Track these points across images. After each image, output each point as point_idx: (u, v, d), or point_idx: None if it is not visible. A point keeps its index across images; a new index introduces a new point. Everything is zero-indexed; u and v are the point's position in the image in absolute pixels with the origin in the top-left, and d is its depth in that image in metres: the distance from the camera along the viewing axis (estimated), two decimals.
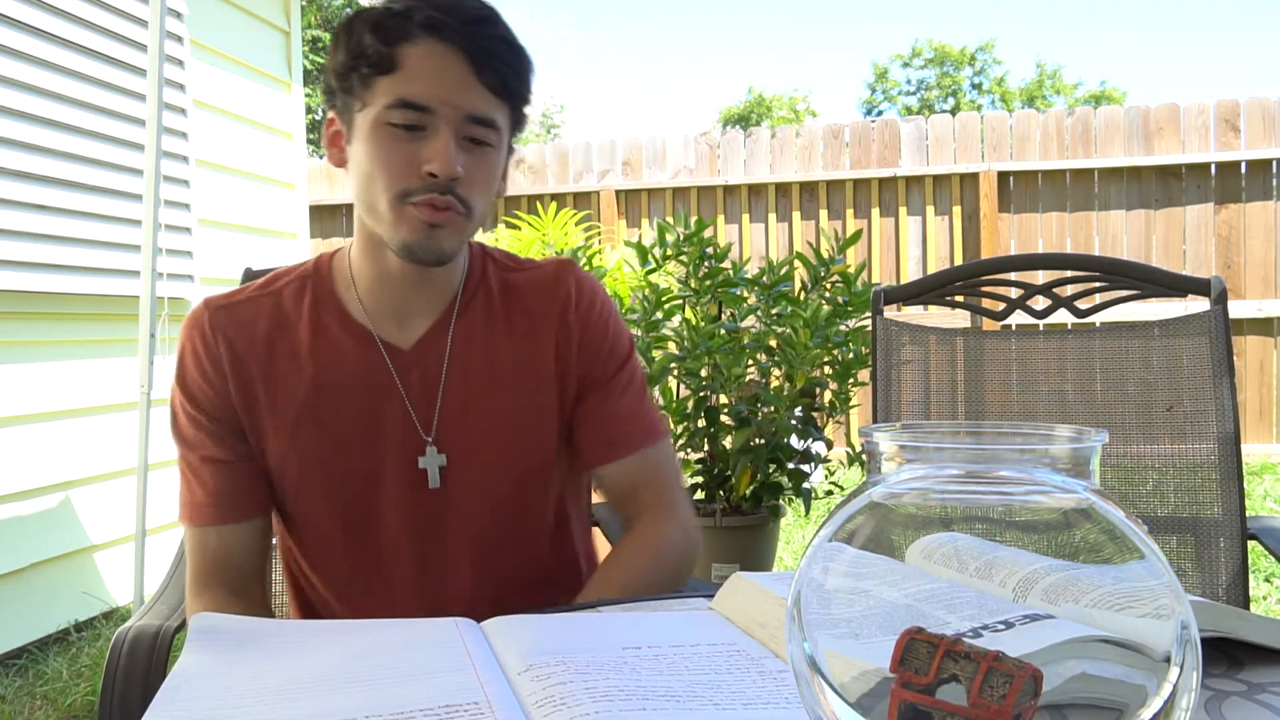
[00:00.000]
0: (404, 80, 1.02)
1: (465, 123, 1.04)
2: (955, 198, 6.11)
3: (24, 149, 2.99)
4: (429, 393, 1.12)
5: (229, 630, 0.83)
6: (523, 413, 1.14)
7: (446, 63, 1.03)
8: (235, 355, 1.11)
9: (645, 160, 6.50)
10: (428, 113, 1.02)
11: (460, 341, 1.14)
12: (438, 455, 1.11)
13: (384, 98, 1.03)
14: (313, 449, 1.11)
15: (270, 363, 1.11)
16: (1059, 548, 0.50)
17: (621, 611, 0.91)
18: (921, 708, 0.46)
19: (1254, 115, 5.83)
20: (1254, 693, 0.67)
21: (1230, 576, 1.47)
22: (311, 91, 15.65)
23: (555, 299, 1.17)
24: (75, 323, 3.26)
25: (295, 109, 4.50)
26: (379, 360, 1.12)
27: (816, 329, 2.78)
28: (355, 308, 1.13)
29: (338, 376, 1.11)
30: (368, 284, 1.13)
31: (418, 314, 1.14)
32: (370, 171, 1.05)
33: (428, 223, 1.04)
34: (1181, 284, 1.55)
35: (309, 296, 1.14)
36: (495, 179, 1.10)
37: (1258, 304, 5.79)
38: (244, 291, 1.16)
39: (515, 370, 1.15)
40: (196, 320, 1.13)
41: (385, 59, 1.02)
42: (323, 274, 1.16)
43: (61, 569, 3.17)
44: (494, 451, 1.13)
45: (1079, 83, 29.56)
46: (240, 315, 1.12)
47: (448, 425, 1.12)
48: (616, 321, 1.22)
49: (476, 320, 1.15)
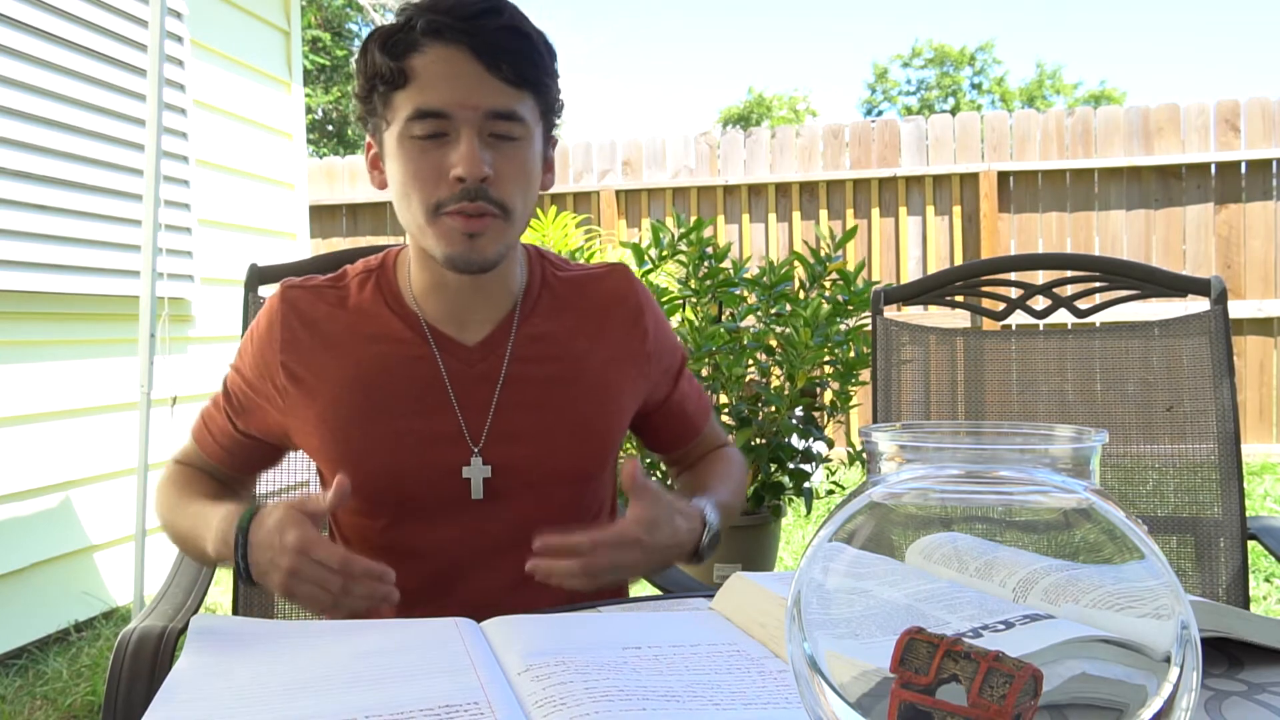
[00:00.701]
0: (418, 91, 1.02)
1: (486, 121, 1.02)
2: (955, 198, 6.11)
3: (24, 149, 2.99)
4: (483, 399, 1.11)
5: (229, 630, 0.83)
6: (583, 416, 1.14)
7: (455, 65, 1.02)
8: (294, 336, 1.13)
9: (645, 160, 6.50)
10: (446, 119, 1.02)
11: (524, 345, 1.13)
12: (483, 466, 1.11)
13: (403, 111, 1.03)
14: (352, 439, 1.10)
15: (326, 347, 1.12)
16: (1059, 548, 0.50)
17: (621, 611, 0.91)
18: (921, 708, 0.46)
19: (1254, 115, 5.83)
20: (1254, 693, 0.67)
21: (1230, 576, 1.47)
22: (311, 91, 15.67)
23: (626, 303, 1.19)
24: (75, 323, 3.26)
25: (295, 109, 4.50)
26: (432, 357, 1.12)
27: (817, 328, 2.78)
28: (415, 307, 1.14)
29: (389, 369, 1.11)
30: (425, 290, 1.13)
31: (478, 319, 1.13)
32: (404, 187, 1.05)
33: (465, 233, 1.04)
34: (1181, 284, 1.55)
35: (371, 288, 1.15)
36: (531, 172, 1.08)
37: (1258, 304, 5.79)
38: (317, 279, 1.18)
39: (587, 374, 1.14)
40: (272, 299, 1.16)
41: (397, 73, 1.02)
42: (388, 269, 1.16)
43: (61, 569, 3.17)
44: (548, 460, 1.12)
45: (1078, 83, 29.59)
46: (309, 299, 1.15)
47: (496, 438, 1.11)
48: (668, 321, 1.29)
49: (543, 322, 1.15)
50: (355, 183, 6.81)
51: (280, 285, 1.17)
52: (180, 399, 3.41)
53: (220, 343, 3.79)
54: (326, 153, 15.99)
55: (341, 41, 16.98)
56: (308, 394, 1.12)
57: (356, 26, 17.37)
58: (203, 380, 3.62)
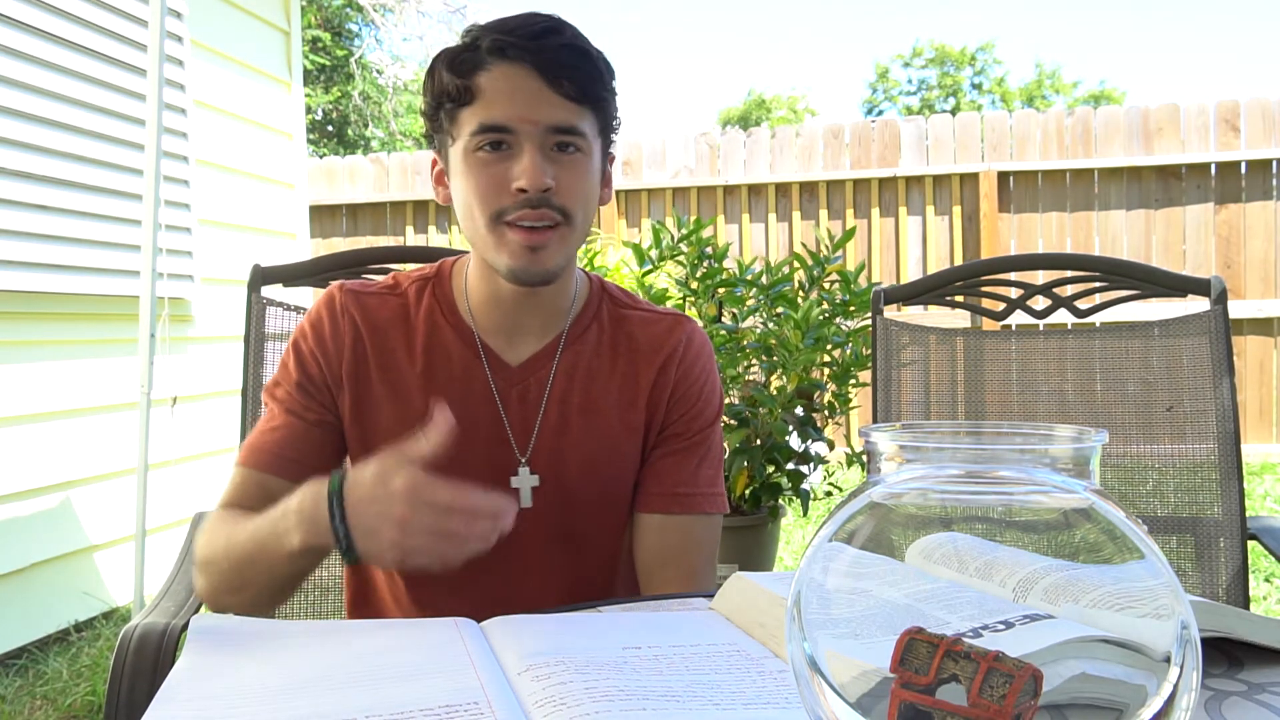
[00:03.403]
0: (483, 107, 1.05)
1: (549, 135, 1.06)
2: (955, 198, 6.11)
3: (24, 149, 2.99)
4: (528, 413, 1.14)
5: (229, 630, 0.83)
6: (612, 450, 1.16)
7: (519, 82, 1.05)
8: (356, 335, 1.14)
9: (645, 160, 6.50)
10: (510, 133, 1.05)
11: (564, 370, 1.16)
12: (530, 476, 1.13)
13: (469, 127, 1.06)
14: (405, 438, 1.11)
15: (386, 353, 1.14)
16: (1059, 548, 0.50)
17: (621, 611, 0.91)
18: (921, 708, 0.46)
19: (1254, 115, 5.83)
20: (1254, 693, 0.67)
21: (1230, 576, 1.47)
22: (311, 91, 15.67)
23: (663, 348, 1.19)
24: (75, 323, 3.26)
25: (295, 109, 4.50)
26: (483, 372, 1.14)
27: (809, 330, 2.77)
28: (469, 318, 1.16)
29: (443, 378, 1.14)
30: (480, 301, 1.16)
31: (528, 335, 1.16)
32: (468, 200, 1.08)
33: (527, 246, 1.06)
34: (1181, 284, 1.55)
35: (428, 297, 1.17)
36: (591, 185, 1.11)
37: (1258, 304, 5.79)
38: (372, 286, 1.20)
39: (610, 408, 1.16)
40: (329, 298, 1.17)
41: (463, 91, 1.06)
42: (444, 279, 1.19)
43: (61, 569, 3.17)
44: (582, 481, 1.15)
45: (1078, 82, 29.56)
46: (367, 304, 1.16)
47: (543, 449, 1.14)
48: (713, 385, 1.22)
49: (584, 352, 1.17)
50: (355, 183, 6.81)
51: (339, 287, 1.18)
52: (180, 399, 3.41)
53: (220, 343, 3.79)
54: (326, 153, 15.98)
55: (341, 41, 16.97)
56: (369, 391, 1.14)
57: (356, 26, 17.37)
58: (203, 380, 3.63)
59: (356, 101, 16.56)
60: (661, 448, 1.19)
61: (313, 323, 1.16)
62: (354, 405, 1.14)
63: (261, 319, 1.53)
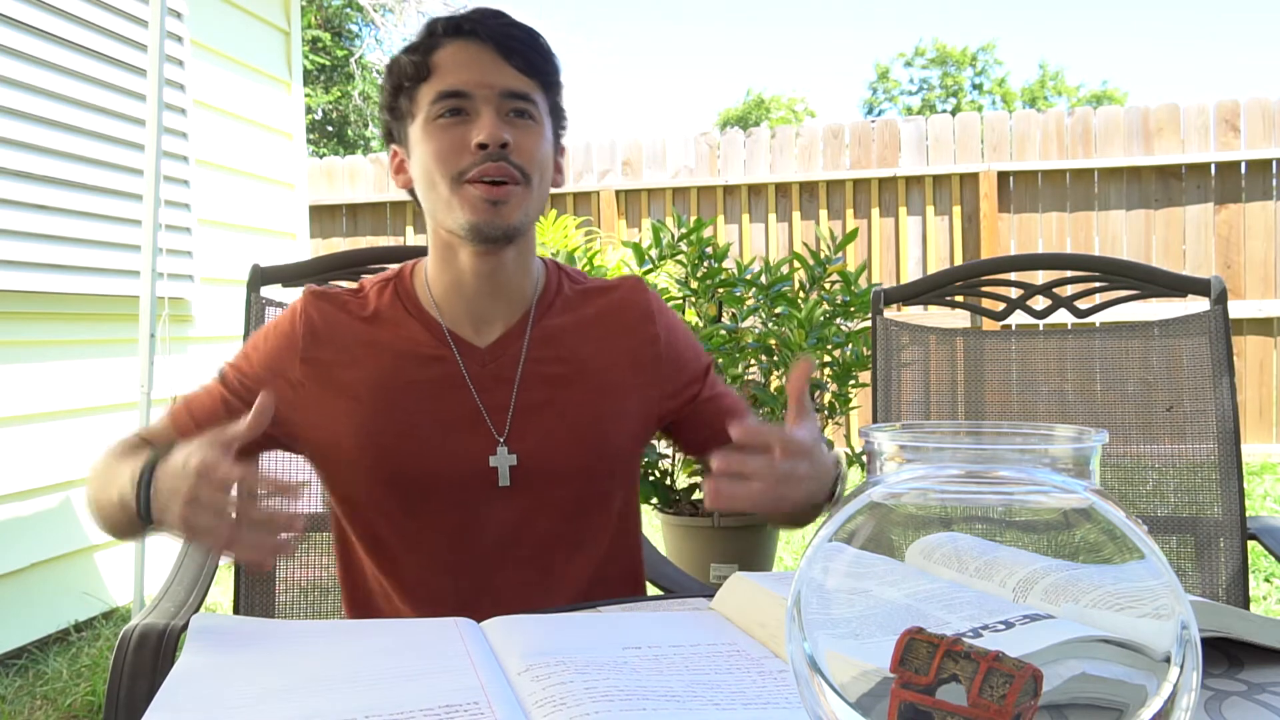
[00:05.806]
0: (441, 78, 1.11)
1: (504, 99, 1.11)
2: (955, 198, 6.11)
3: (24, 149, 2.99)
4: (503, 393, 1.16)
5: (229, 630, 0.83)
6: (596, 418, 1.17)
7: (475, 54, 1.12)
8: (313, 338, 1.16)
9: (645, 160, 6.50)
10: (467, 98, 1.10)
11: (537, 346, 1.18)
12: (509, 455, 1.14)
13: (427, 99, 1.12)
14: (379, 434, 1.13)
15: (346, 350, 1.16)
16: (1059, 548, 0.50)
17: (621, 611, 0.91)
18: (921, 708, 0.46)
19: (1254, 115, 5.82)
20: (1254, 693, 0.67)
21: (1230, 576, 1.47)
22: (311, 91, 15.67)
23: (634, 310, 1.23)
24: (75, 323, 3.26)
25: (295, 109, 4.50)
26: (453, 359, 1.16)
27: (811, 330, 2.77)
28: (434, 310, 1.18)
29: (411, 369, 1.15)
30: (443, 291, 1.18)
31: (494, 319, 1.18)
32: (427, 167, 1.11)
33: (488, 200, 1.09)
34: (1181, 284, 1.55)
35: (390, 295, 1.20)
36: (546, 152, 1.14)
37: (1258, 304, 5.79)
38: (340, 289, 1.23)
39: (591, 376, 1.18)
40: (298, 302, 1.20)
41: (421, 68, 1.12)
42: (404, 278, 1.22)
43: (61, 569, 3.17)
44: (564, 455, 1.16)
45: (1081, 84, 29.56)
46: (330, 305, 1.19)
47: (520, 427, 1.15)
48: (690, 331, 1.30)
49: (554, 326, 1.19)
50: (355, 183, 6.81)
51: (306, 290, 1.21)
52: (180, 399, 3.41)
53: (220, 343, 3.79)
54: (326, 153, 15.97)
55: (341, 41, 16.97)
56: (331, 391, 1.14)
57: (356, 26, 17.37)
58: (203, 380, 3.62)
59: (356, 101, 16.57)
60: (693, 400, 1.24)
61: (278, 324, 1.20)
62: (315, 401, 1.15)
63: (261, 319, 1.53)
